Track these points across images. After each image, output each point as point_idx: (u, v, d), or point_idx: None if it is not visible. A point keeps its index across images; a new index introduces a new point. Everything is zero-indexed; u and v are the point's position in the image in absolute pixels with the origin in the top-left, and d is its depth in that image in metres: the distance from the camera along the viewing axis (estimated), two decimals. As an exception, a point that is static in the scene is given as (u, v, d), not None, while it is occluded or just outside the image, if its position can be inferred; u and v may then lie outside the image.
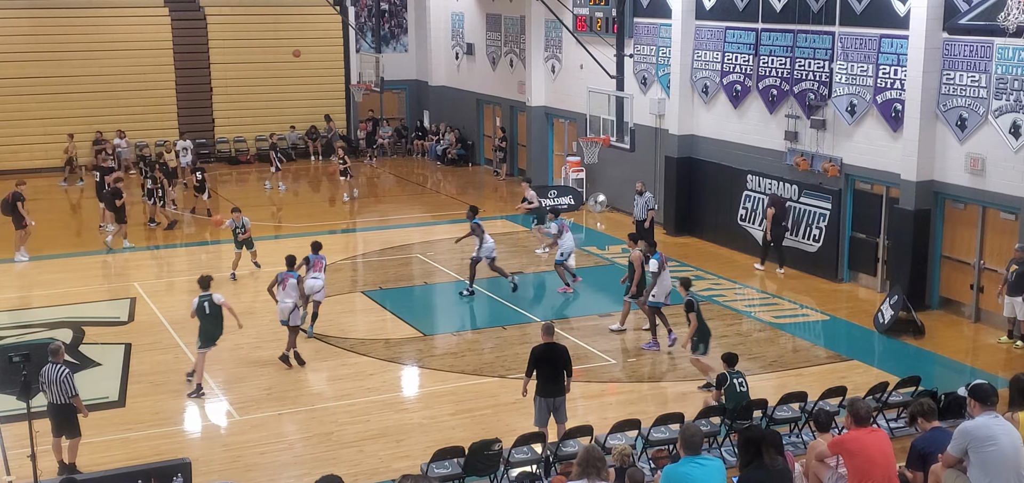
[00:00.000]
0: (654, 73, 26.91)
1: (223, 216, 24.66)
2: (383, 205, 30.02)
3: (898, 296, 18.77)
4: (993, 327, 18.71)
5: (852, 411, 9.76)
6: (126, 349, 17.81)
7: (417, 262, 23.74)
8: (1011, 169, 18.23)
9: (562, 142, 31.54)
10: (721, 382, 13.51)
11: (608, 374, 16.92)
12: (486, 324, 19.71)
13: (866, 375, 16.46)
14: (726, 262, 23.61)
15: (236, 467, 13.48)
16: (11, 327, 19.09)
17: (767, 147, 23.43)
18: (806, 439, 13.44)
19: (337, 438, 14.34)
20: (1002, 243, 18.70)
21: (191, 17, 36.97)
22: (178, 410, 15.61)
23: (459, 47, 36.90)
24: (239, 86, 37.18)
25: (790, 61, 22.54)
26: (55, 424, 13.16)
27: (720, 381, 13.53)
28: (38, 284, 22.14)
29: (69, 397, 12.99)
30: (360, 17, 39.34)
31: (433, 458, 12.23)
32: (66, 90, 34.75)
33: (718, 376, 13.61)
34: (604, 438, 12.82)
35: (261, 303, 20.46)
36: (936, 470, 9.47)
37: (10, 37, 34.15)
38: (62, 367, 13.04)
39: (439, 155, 36.50)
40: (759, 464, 8.80)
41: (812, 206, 22.30)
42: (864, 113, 20.94)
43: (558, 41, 30.57)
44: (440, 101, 38.44)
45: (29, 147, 34.21)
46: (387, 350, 17.96)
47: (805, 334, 19.06)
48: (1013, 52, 17.94)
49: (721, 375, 13.59)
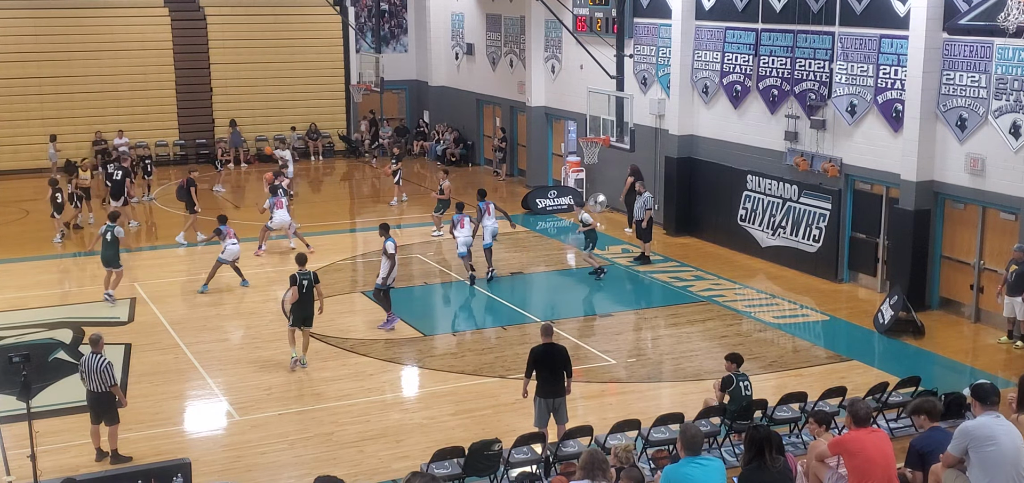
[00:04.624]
0: (654, 73, 26.91)
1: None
2: (383, 205, 30.01)
3: (898, 296, 18.77)
4: (993, 327, 18.72)
5: (852, 411, 9.76)
6: (126, 349, 17.81)
7: (417, 262, 23.74)
8: (1011, 169, 18.23)
9: (561, 141, 31.56)
10: (727, 385, 13.46)
11: (608, 374, 16.92)
12: (486, 324, 19.72)
13: (866, 375, 16.46)
14: (726, 262, 23.62)
15: (236, 467, 13.49)
16: (11, 327, 19.10)
17: (767, 147, 23.43)
18: (806, 439, 13.44)
19: (337, 438, 14.35)
20: (1002, 243, 18.70)
21: (191, 17, 36.98)
22: (178, 410, 15.63)
23: (459, 47, 36.90)
24: (239, 86, 37.19)
25: (790, 61, 22.55)
26: (94, 412, 13.52)
27: (726, 383, 13.47)
28: (39, 284, 22.16)
29: (108, 385, 13.37)
30: (360, 17, 39.35)
31: (433, 458, 12.24)
32: (66, 90, 34.73)
33: (724, 378, 13.54)
34: (604, 438, 12.82)
35: (262, 303, 20.52)
36: (936, 470, 9.47)
37: (10, 37, 34.14)
38: (102, 357, 13.44)
39: (439, 155, 36.50)
40: (760, 464, 8.79)
41: (812, 206, 22.30)
42: (864, 113, 20.94)
43: (558, 41, 30.58)
44: (440, 101, 38.44)
45: (29, 147, 34.20)
46: (387, 350, 17.96)
47: (805, 334, 19.06)
48: (1013, 52, 17.94)
49: (727, 377, 13.52)
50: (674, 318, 19.70)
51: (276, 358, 17.37)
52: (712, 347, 18.06)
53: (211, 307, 20.44)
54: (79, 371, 13.85)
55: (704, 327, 19.12)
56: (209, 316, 19.88)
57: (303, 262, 17.46)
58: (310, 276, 16.93)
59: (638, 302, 20.96)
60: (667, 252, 24.51)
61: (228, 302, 20.80)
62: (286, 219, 24.31)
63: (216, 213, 24.36)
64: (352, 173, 35.94)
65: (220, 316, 19.99)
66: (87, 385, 13.50)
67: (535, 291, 22.24)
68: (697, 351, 17.88)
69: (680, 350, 17.96)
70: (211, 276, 21.23)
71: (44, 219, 26.39)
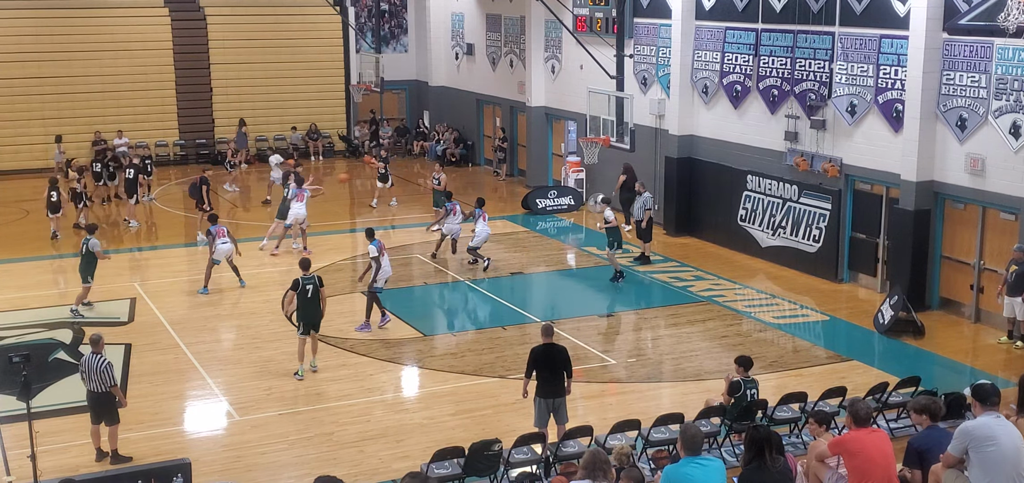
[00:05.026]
0: (654, 73, 26.91)
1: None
2: (383, 205, 29.99)
3: (898, 296, 18.77)
4: (993, 327, 18.72)
5: (852, 411, 9.75)
6: (126, 349, 17.80)
7: (417, 262, 23.74)
8: (1011, 169, 18.23)
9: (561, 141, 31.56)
10: (735, 390, 13.43)
11: (608, 374, 16.92)
12: (486, 324, 19.72)
13: (866, 375, 16.45)
14: (726, 262, 23.61)
15: (236, 467, 13.49)
16: (11, 327, 19.10)
17: (767, 147, 23.43)
18: (806, 439, 13.43)
19: (337, 438, 14.35)
20: (1002, 243, 18.70)
21: (191, 17, 36.97)
22: (178, 410, 15.63)
23: (459, 47, 36.90)
24: (239, 86, 37.18)
25: (790, 61, 22.55)
26: (95, 412, 13.55)
27: (734, 388, 13.44)
28: (39, 284, 22.16)
29: (108, 386, 13.40)
30: (360, 17, 39.35)
31: (433, 458, 12.23)
32: (66, 90, 34.71)
33: (732, 383, 13.49)
34: (604, 438, 12.82)
35: (262, 303, 20.51)
36: (936, 470, 9.47)
37: (10, 37, 34.14)
38: (102, 357, 13.46)
39: (439, 155, 36.49)
40: (760, 464, 8.79)
41: (812, 206, 22.30)
42: (864, 113, 20.94)
43: (558, 41, 30.57)
44: (440, 101, 38.43)
45: (29, 147, 34.19)
46: (387, 350, 17.96)
47: (805, 334, 19.06)
48: (1013, 52, 17.94)
49: (735, 382, 13.45)
50: (674, 318, 19.70)
51: (276, 358, 17.37)
52: (712, 347, 18.06)
53: (211, 307, 20.44)
54: (79, 371, 13.88)
55: (704, 327, 19.12)
56: (209, 316, 19.87)
57: (307, 267, 17.13)
58: (314, 280, 16.67)
59: (638, 302, 20.96)
60: (667, 252, 24.52)
61: (228, 302, 20.79)
62: (302, 213, 24.20)
63: (225, 213, 24.43)
64: (352, 173, 35.90)
65: (220, 316, 19.98)
66: (87, 385, 13.52)
67: (535, 291, 22.24)
68: (697, 351, 17.88)
69: (680, 350, 17.96)
70: (207, 278, 21.20)
71: (45, 219, 26.38)
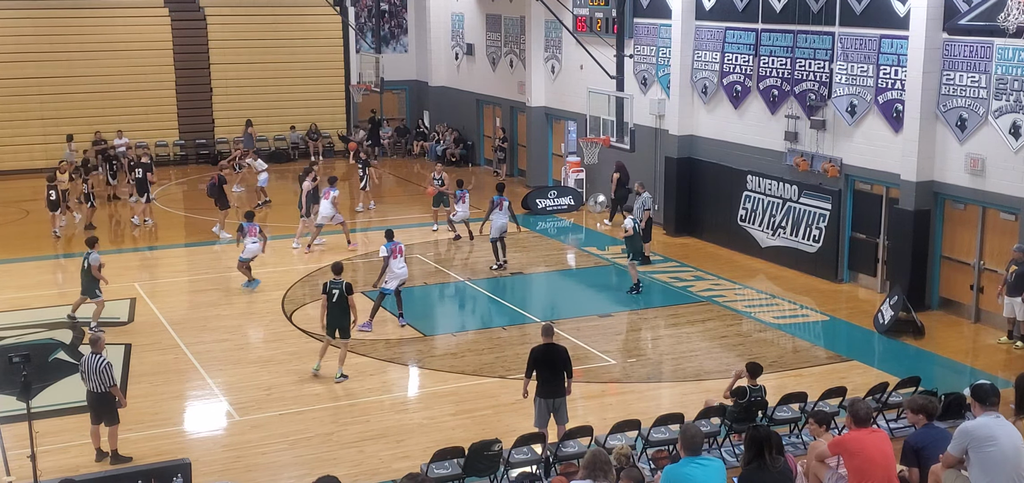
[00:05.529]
0: (654, 73, 26.91)
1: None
2: (383, 205, 30.01)
3: (898, 296, 18.77)
4: (993, 327, 18.72)
5: (852, 412, 9.76)
6: (126, 349, 17.81)
7: (417, 262, 23.73)
8: (1011, 169, 18.23)
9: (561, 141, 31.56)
10: (741, 395, 13.42)
11: (608, 374, 16.92)
12: (486, 324, 19.72)
13: (866, 375, 16.46)
14: (726, 262, 23.62)
15: (236, 467, 13.49)
16: (11, 327, 19.10)
17: (767, 147, 23.43)
18: (806, 439, 13.43)
19: (337, 438, 14.35)
20: (1002, 243, 18.70)
21: (191, 17, 36.98)
22: (178, 410, 15.63)
23: (459, 47, 36.90)
24: (239, 86, 37.19)
25: (790, 61, 22.55)
26: (94, 412, 13.57)
27: (740, 394, 13.43)
28: (39, 284, 22.16)
29: (108, 386, 13.41)
30: (360, 17, 39.35)
31: (433, 458, 12.23)
32: (66, 90, 34.72)
33: (738, 389, 13.49)
34: (604, 438, 12.82)
35: (263, 303, 20.51)
36: (936, 470, 9.47)
37: (10, 37, 34.14)
38: (102, 357, 13.47)
39: (439, 155, 36.50)
40: (760, 464, 8.80)
41: (812, 206, 22.30)
42: (864, 113, 20.94)
43: (558, 41, 30.58)
44: (440, 101, 38.44)
45: (29, 147, 34.20)
46: (387, 350, 17.96)
47: (805, 334, 19.06)
48: (1013, 52, 17.94)
49: (741, 388, 13.46)
50: (674, 318, 19.70)
51: (276, 358, 17.37)
52: (712, 347, 18.07)
53: (211, 307, 20.44)
54: (79, 371, 13.90)
55: (704, 327, 19.13)
56: (209, 316, 19.87)
57: (339, 270, 16.80)
58: (342, 286, 16.34)
59: (638, 302, 20.95)
60: (667, 252, 24.52)
61: (228, 302, 20.79)
62: (330, 212, 24.21)
63: (240, 212, 24.51)
64: (352, 174, 35.89)
65: (220, 316, 19.97)
66: (87, 385, 13.53)
67: (535, 291, 22.25)
68: (697, 351, 17.88)
69: (680, 350, 17.96)
70: (248, 270, 21.38)
71: (45, 219, 26.40)
